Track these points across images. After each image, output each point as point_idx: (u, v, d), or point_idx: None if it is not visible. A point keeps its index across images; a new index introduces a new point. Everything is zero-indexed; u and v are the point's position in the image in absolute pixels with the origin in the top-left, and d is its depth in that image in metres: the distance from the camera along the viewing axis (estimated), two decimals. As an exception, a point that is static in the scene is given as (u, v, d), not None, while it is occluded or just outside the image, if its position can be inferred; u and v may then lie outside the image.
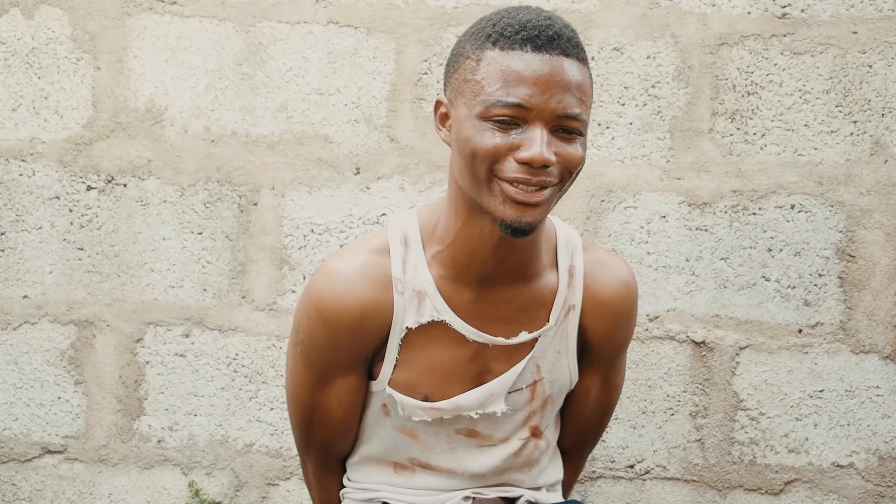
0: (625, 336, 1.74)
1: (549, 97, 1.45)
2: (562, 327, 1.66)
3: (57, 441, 2.64)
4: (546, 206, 1.50)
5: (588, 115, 1.50)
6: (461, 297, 1.62)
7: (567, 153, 1.48)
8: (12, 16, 2.61)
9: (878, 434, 2.52)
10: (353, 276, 1.60)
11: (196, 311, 2.60)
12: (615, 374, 1.79)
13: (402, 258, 1.62)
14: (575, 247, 1.68)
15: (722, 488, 2.55)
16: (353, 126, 2.57)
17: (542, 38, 1.47)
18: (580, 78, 1.48)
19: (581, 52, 1.50)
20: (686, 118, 2.52)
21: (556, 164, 1.47)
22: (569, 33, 1.50)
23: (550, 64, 1.46)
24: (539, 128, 1.46)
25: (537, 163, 1.45)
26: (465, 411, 1.65)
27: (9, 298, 2.62)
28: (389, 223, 1.66)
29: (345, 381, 1.67)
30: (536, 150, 1.45)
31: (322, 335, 1.62)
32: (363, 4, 2.56)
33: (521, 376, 1.66)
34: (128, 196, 2.60)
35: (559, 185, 1.50)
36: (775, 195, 2.52)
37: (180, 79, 2.59)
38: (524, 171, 1.46)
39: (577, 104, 1.47)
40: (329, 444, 1.75)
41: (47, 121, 2.61)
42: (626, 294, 1.70)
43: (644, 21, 2.52)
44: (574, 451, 1.86)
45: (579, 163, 1.49)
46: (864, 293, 2.51)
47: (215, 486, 2.62)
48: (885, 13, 2.49)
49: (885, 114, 2.49)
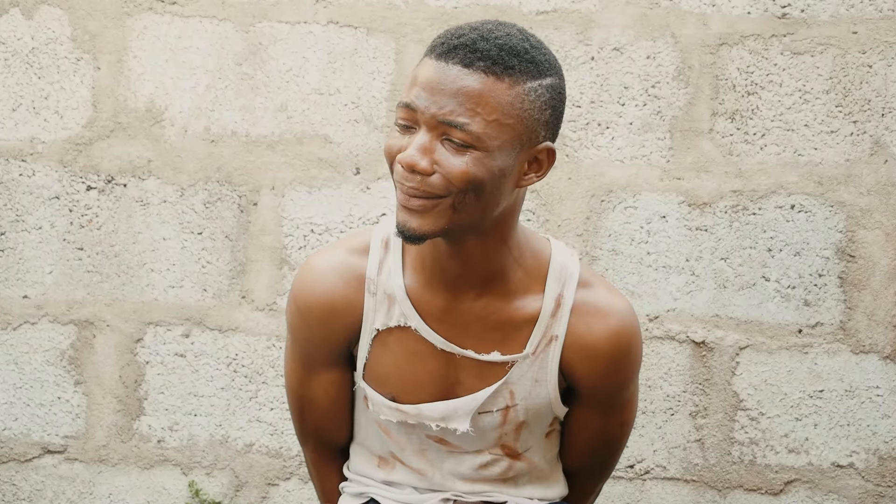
0: (619, 381, 1.66)
1: (432, 101, 1.45)
2: (541, 356, 1.63)
3: (57, 441, 2.64)
4: (434, 217, 1.47)
5: (495, 131, 1.45)
6: (432, 304, 1.61)
7: (448, 164, 1.45)
8: (12, 16, 2.61)
9: (878, 434, 2.52)
10: (327, 272, 1.63)
11: (196, 311, 2.61)
12: (617, 412, 1.71)
13: (380, 259, 1.62)
14: (570, 276, 1.62)
15: (722, 488, 2.55)
16: (353, 126, 2.57)
17: (445, 46, 1.47)
18: (477, 89, 1.45)
19: (499, 68, 1.46)
20: (686, 118, 2.52)
21: (437, 174, 1.46)
22: (490, 48, 1.46)
23: (441, 71, 1.46)
24: (423, 132, 1.46)
25: (405, 165, 1.45)
26: (426, 420, 1.64)
27: (9, 298, 2.62)
28: (379, 223, 1.67)
29: (328, 373, 1.69)
30: (407, 152, 1.46)
31: (298, 326, 1.67)
32: (363, 4, 2.56)
33: (493, 400, 1.64)
34: (128, 196, 2.60)
35: (449, 199, 1.47)
36: (775, 195, 2.52)
37: (180, 79, 2.59)
38: (401, 175, 1.47)
39: (464, 113, 1.44)
40: (322, 433, 1.77)
41: (47, 121, 2.61)
42: (613, 343, 1.62)
43: (644, 21, 2.52)
44: (578, 480, 1.80)
45: (461, 178, 1.45)
46: (864, 293, 2.51)
47: (215, 486, 2.62)
48: (885, 13, 2.49)
49: (885, 114, 2.49)
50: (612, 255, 2.53)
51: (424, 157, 1.46)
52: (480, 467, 1.69)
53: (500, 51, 1.47)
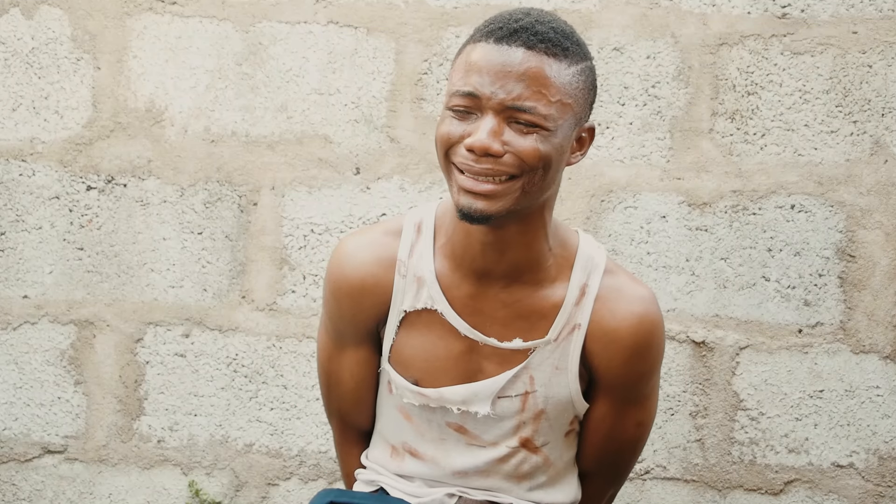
0: (638, 372, 1.67)
1: (499, 87, 1.48)
2: (563, 344, 1.65)
3: (57, 441, 2.64)
4: (501, 198, 1.51)
5: (558, 112, 1.50)
6: (460, 290, 1.63)
7: (519, 144, 1.49)
8: (12, 16, 2.61)
9: (878, 434, 2.52)
10: (359, 251, 1.67)
11: (196, 311, 2.61)
12: (635, 409, 1.71)
13: (412, 243, 1.66)
14: (595, 266, 1.65)
15: (722, 488, 2.55)
16: (353, 126, 2.57)
17: (505, 30, 1.50)
18: (543, 71, 1.49)
19: (558, 49, 1.50)
20: (686, 118, 2.52)
21: (509, 154, 1.49)
22: (546, 31, 1.50)
23: (505, 54, 1.48)
24: (490, 116, 1.49)
25: (478, 149, 1.48)
26: (448, 404, 1.66)
27: (9, 298, 2.63)
28: (412, 209, 1.71)
29: (355, 352, 1.73)
30: (478, 136, 1.48)
31: (330, 302, 1.71)
32: (363, 4, 2.56)
33: (512, 384, 1.65)
34: (128, 196, 2.60)
35: (519, 179, 1.50)
36: (775, 195, 2.52)
37: (180, 79, 2.59)
38: (469, 158, 1.49)
39: (531, 97, 1.48)
40: (345, 413, 1.80)
41: (47, 121, 2.61)
42: (636, 327, 1.63)
43: (644, 21, 2.52)
44: (591, 483, 1.80)
45: (534, 156, 1.49)
46: (864, 293, 2.51)
47: (215, 486, 2.62)
48: (885, 13, 2.49)
49: (885, 114, 2.49)
50: (612, 255, 2.53)
51: (496, 139, 1.49)
52: (496, 461, 1.70)
53: (555, 33, 1.51)
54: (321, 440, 2.60)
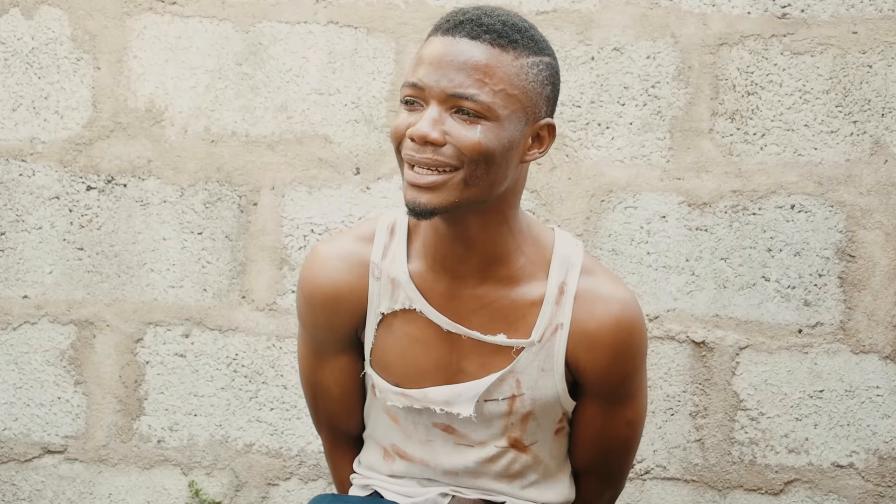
0: (622, 372, 1.66)
1: (441, 76, 1.49)
2: (547, 345, 1.64)
3: (57, 441, 2.64)
4: (443, 189, 1.50)
5: (503, 101, 1.49)
6: (436, 289, 1.63)
7: (459, 134, 1.49)
8: (12, 16, 2.61)
9: (878, 434, 2.52)
10: (330, 259, 1.67)
11: (196, 311, 2.61)
12: (623, 408, 1.70)
13: (385, 245, 1.66)
14: (573, 265, 1.64)
15: (722, 488, 2.55)
16: (353, 126, 2.57)
17: (451, 22, 1.52)
18: (484, 60, 1.49)
19: (504, 41, 1.50)
20: (686, 118, 2.52)
21: (450, 144, 1.49)
22: (494, 23, 1.51)
23: (449, 45, 1.50)
24: (433, 105, 1.50)
25: (417, 137, 1.48)
26: (431, 404, 1.66)
27: (9, 298, 2.63)
28: (386, 211, 1.71)
29: (337, 360, 1.72)
30: (418, 125, 1.49)
31: (304, 312, 1.71)
32: (363, 4, 2.56)
33: (498, 387, 1.64)
34: (128, 196, 2.60)
35: (460, 171, 1.50)
36: (775, 195, 2.52)
37: (180, 79, 2.59)
38: (412, 148, 1.50)
39: (472, 85, 1.48)
40: (334, 421, 1.79)
41: (47, 121, 2.61)
42: (615, 329, 1.62)
43: (644, 21, 2.52)
44: (586, 484, 1.79)
45: (473, 148, 1.48)
46: (864, 293, 2.51)
47: (215, 486, 2.62)
48: (885, 13, 2.49)
49: (885, 114, 2.49)
50: (612, 255, 2.53)
51: (435, 128, 1.49)
52: (485, 461, 1.70)
53: (503, 25, 1.51)
54: (321, 440, 2.60)
